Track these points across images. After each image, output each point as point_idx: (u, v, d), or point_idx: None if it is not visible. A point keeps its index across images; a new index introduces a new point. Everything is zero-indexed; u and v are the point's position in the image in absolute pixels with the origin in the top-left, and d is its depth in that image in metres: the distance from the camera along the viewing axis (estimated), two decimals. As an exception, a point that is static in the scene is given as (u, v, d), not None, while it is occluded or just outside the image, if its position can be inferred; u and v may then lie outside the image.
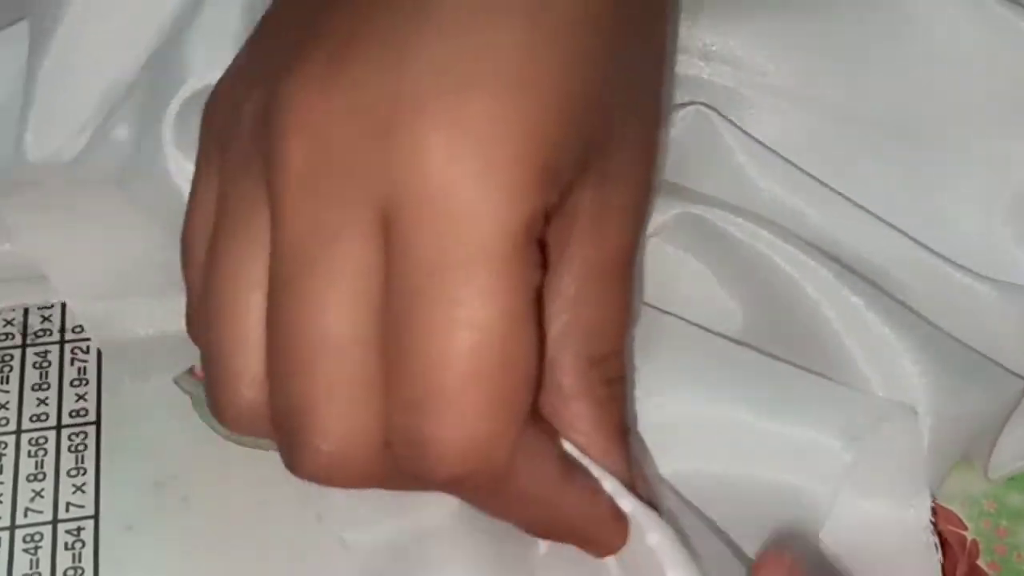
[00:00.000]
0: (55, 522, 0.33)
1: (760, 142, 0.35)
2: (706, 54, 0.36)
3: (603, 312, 0.27)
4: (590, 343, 0.27)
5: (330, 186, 0.24)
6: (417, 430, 0.24)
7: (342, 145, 0.24)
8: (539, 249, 0.25)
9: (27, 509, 0.33)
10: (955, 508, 0.34)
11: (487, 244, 0.23)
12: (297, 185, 0.24)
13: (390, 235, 0.24)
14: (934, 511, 0.32)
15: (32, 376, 0.36)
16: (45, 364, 0.36)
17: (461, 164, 0.23)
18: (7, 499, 0.33)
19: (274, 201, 0.25)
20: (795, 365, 0.33)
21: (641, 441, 0.32)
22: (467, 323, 0.23)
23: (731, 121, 0.35)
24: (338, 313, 0.24)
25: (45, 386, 0.35)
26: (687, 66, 0.36)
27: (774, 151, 0.35)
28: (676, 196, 0.35)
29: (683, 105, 0.36)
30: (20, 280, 0.36)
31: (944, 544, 0.34)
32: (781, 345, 0.34)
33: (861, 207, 0.35)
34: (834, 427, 0.32)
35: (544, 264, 0.25)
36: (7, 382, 0.35)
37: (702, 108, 0.35)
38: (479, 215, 0.23)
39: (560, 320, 0.27)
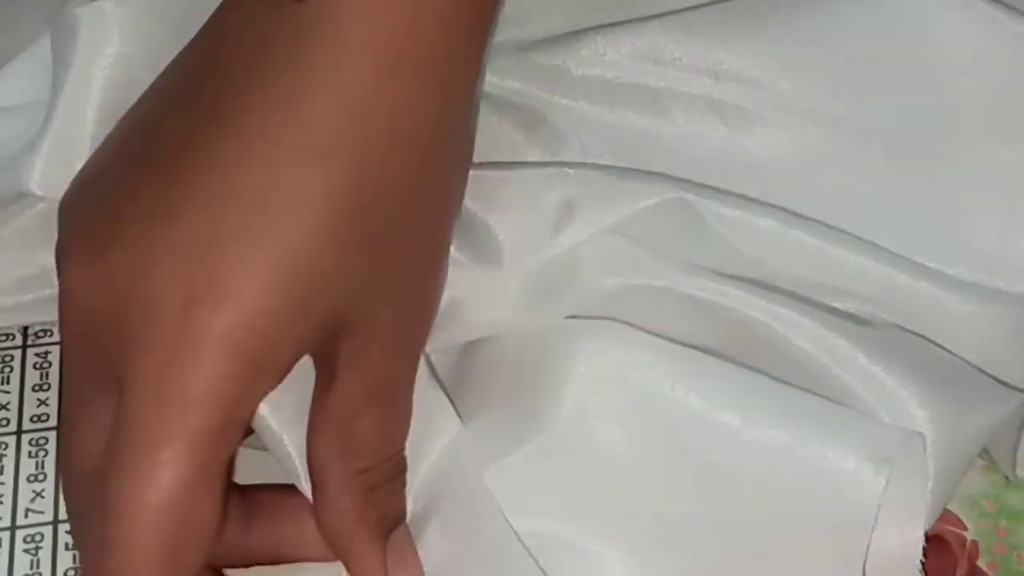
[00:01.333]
0: (56, 522, 0.33)
1: (746, 198, 0.34)
2: (716, 73, 0.36)
3: (370, 429, 0.30)
4: (355, 454, 0.30)
5: (86, 360, 0.28)
6: (102, 569, 0.28)
7: (93, 326, 0.28)
8: (238, 427, 0.28)
9: (28, 510, 0.33)
10: (955, 508, 0.34)
11: (186, 431, 0.27)
12: (68, 356, 0.29)
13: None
14: (925, 549, 0.31)
15: (33, 376, 0.36)
16: (45, 364, 0.36)
17: (173, 362, 0.27)
18: (8, 499, 0.33)
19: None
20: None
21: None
22: (149, 491, 0.27)
23: (710, 188, 0.34)
24: (77, 463, 0.28)
25: (46, 386, 0.35)
26: (697, 85, 0.36)
27: (760, 203, 0.34)
28: (656, 264, 0.34)
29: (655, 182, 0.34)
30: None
31: (944, 544, 0.34)
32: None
33: (846, 232, 0.34)
34: (863, 451, 0.31)
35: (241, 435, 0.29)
36: (8, 382, 0.35)
37: (680, 197, 0.33)
38: (181, 404, 0.27)
39: (330, 432, 0.30)
